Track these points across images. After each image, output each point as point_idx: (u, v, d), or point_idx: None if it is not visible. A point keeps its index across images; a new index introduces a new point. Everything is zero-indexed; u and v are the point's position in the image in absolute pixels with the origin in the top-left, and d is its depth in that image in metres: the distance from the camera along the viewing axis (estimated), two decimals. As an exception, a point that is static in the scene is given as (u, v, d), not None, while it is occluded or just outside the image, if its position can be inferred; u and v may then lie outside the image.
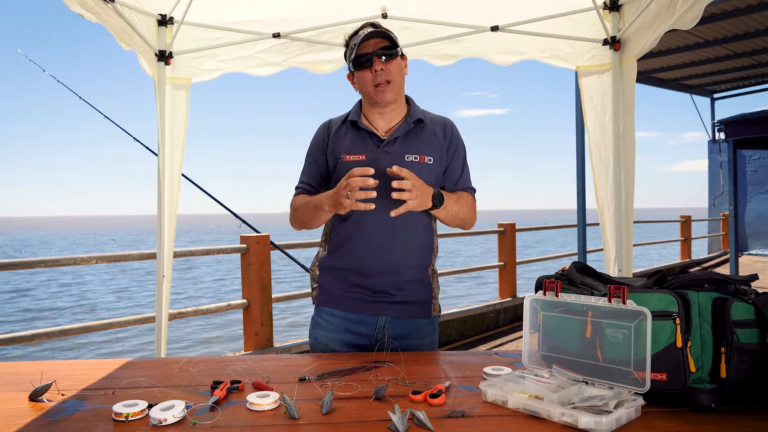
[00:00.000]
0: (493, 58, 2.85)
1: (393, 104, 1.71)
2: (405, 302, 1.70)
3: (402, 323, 1.70)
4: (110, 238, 53.55)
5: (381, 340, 1.68)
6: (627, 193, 2.53)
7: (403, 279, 1.69)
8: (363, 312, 1.69)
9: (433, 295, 1.76)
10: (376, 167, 1.55)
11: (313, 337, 1.77)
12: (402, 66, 1.71)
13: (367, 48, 1.65)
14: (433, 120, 1.78)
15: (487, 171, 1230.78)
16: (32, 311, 12.38)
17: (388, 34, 1.66)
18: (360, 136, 1.72)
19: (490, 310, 6.11)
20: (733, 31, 7.36)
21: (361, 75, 1.68)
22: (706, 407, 1.08)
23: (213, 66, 2.81)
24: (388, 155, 1.67)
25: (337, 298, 1.72)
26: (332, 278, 1.74)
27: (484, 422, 1.06)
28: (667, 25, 2.11)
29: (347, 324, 1.70)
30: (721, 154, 12.63)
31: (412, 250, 1.70)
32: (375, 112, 1.74)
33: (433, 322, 1.78)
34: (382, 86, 1.65)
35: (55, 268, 18.49)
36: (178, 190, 2.81)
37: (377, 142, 1.70)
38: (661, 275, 1.18)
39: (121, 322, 3.85)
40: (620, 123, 2.52)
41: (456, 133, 1.79)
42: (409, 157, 1.67)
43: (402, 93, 1.74)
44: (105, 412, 1.11)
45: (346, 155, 1.69)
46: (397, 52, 1.68)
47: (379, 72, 1.64)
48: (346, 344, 1.70)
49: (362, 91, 1.73)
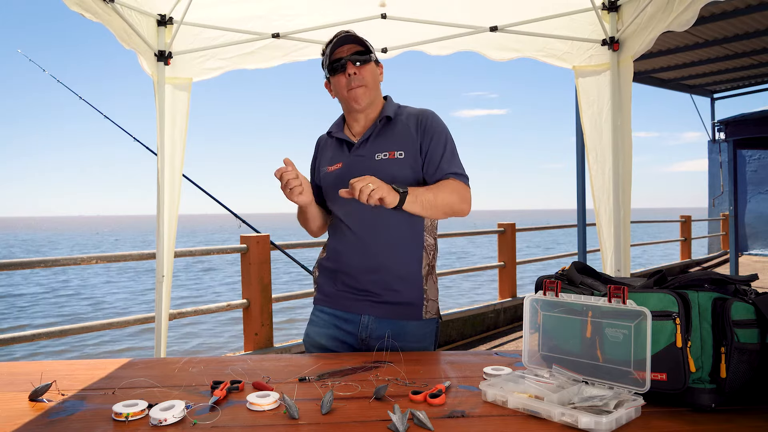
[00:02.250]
0: (490, 54, 2.86)
1: (368, 109, 1.74)
2: (390, 303, 1.67)
3: (387, 324, 1.67)
4: (114, 238, 53.51)
5: (366, 340, 1.68)
6: (624, 193, 2.54)
7: (388, 279, 1.67)
8: (348, 310, 1.71)
9: (425, 296, 1.70)
10: (351, 172, 1.65)
11: (306, 334, 1.81)
12: (377, 72, 1.75)
13: (341, 53, 1.69)
14: (408, 114, 1.75)
15: (487, 171, 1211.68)
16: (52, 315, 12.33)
17: (362, 40, 1.70)
18: (338, 146, 1.78)
19: (490, 310, 6.11)
20: (733, 31, 7.35)
21: (335, 80, 1.72)
22: (706, 407, 1.08)
23: (213, 65, 2.82)
24: (361, 158, 1.71)
25: (329, 297, 1.76)
26: (327, 278, 1.78)
27: (484, 422, 1.06)
28: (663, 27, 2.12)
29: (335, 321, 1.74)
30: (721, 154, 12.62)
31: (398, 249, 1.68)
32: (352, 118, 1.78)
33: (427, 326, 1.71)
34: (355, 90, 1.68)
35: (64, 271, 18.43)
36: (179, 190, 2.81)
37: (350, 148, 1.75)
38: (661, 275, 1.18)
39: (121, 322, 3.85)
40: (618, 123, 2.52)
41: (432, 121, 1.72)
42: (379, 155, 1.68)
43: (377, 97, 1.76)
44: (105, 412, 1.11)
45: (328, 167, 1.77)
46: (371, 58, 1.71)
47: (353, 76, 1.67)
48: (334, 339, 1.72)
49: (339, 97, 1.77)
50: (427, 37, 2.80)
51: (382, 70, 1.81)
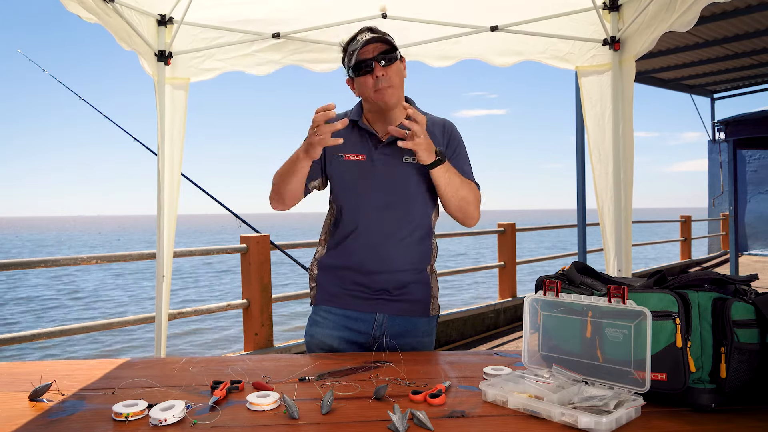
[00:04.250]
0: (492, 60, 2.85)
1: (394, 107, 1.72)
2: (404, 300, 1.71)
3: (400, 321, 1.72)
4: (116, 238, 53.47)
5: (379, 339, 1.69)
6: (626, 193, 2.53)
7: (402, 278, 1.70)
8: (361, 310, 1.71)
9: (432, 294, 1.77)
10: (374, 168, 1.68)
11: (309, 335, 1.77)
12: (401, 69, 1.72)
13: (366, 53, 1.65)
14: (433, 121, 1.79)
15: (487, 171, 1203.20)
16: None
17: (387, 39, 1.66)
18: (361, 136, 1.74)
19: (490, 310, 6.12)
20: (733, 31, 7.35)
21: (362, 81, 1.68)
22: (706, 407, 1.08)
23: (211, 65, 2.82)
24: (387, 156, 1.70)
25: (336, 296, 1.74)
26: (331, 276, 1.75)
27: (484, 422, 1.06)
28: (664, 27, 2.11)
29: (345, 321, 1.72)
30: (721, 154, 12.62)
31: (412, 249, 1.72)
32: (375, 116, 1.75)
33: (432, 322, 1.79)
34: (383, 91, 1.65)
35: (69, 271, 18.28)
36: (178, 190, 2.81)
37: (376, 143, 1.72)
38: (661, 275, 1.18)
39: (121, 322, 3.85)
40: (619, 123, 2.52)
41: (455, 132, 1.80)
42: (407, 159, 1.69)
43: (402, 96, 1.75)
44: (105, 412, 1.11)
45: (347, 154, 1.72)
46: (397, 56, 1.68)
47: (381, 78, 1.64)
48: (345, 341, 1.71)
49: (363, 96, 1.73)
50: (428, 37, 2.79)
51: (405, 64, 1.76)
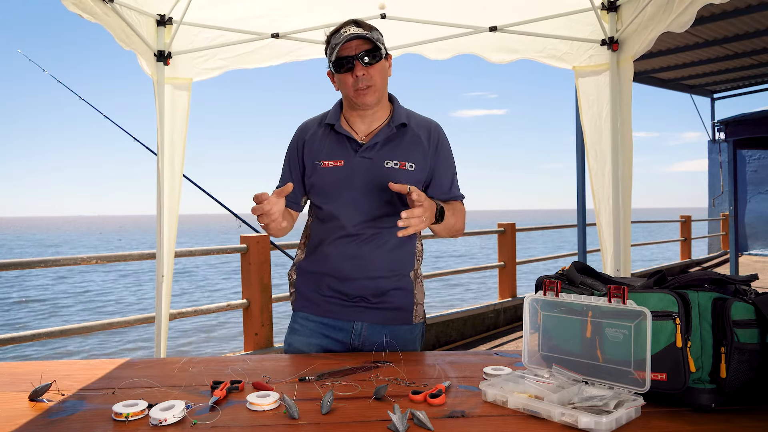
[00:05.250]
0: (489, 56, 2.85)
1: (374, 107, 1.64)
2: (383, 308, 1.65)
3: (380, 329, 1.65)
4: (116, 238, 53.49)
5: (358, 347, 1.64)
6: (624, 193, 2.53)
7: (382, 285, 1.64)
8: (339, 318, 1.65)
9: (415, 301, 1.69)
10: (353, 173, 1.61)
11: (288, 343, 1.71)
12: (386, 68, 1.63)
13: (348, 50, 1.56)
14: (418, 123, 1.71)
15: (487, 171, 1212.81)
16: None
17: (370, 37, 1.56)
18: (338, 141, 1.66)
19: (490, 310, 6.11)
20: (733, 31, 7.35)
21: (341, 78, 1.60)
22: (706, 407, 1.08)
23: (213, 64, 2.82)
24: (368, 161, 1.62)
25: (313, 303, 1.68)
26: (309, 282, 1.69)
27: (484, 422, 1.06)
28: (662, 27, 2.12)
29: (322, 329, 1.66)
30: (721, 154, 12.62)
31: (392, 255, 1.65)
32: (355, 115, 1.67)
33: (415, 330, 1.71)
34: (363, 90, 1.58)
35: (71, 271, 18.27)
36: (179, 190, 2.81)
37: (356, 147, 1.64)
38: (661, 275, 1.18)
39: (121, 322, 3.85)
40: (618, 123, 2.52)
41: (442, 137, 1.72)
42: (389, 164, 1.61)
43: (384, 95, 1.67)
44: (105, 412, 1.11)
45: (324, 161, 1.64)
46: (381, 55, 1.59)
47: (361, 77, 1.56)
48: (322, 349, 1.65)
49: (342, 94, 1.66)
50: (427, 37, 2.79)
51: (391, 62, 1.68)
